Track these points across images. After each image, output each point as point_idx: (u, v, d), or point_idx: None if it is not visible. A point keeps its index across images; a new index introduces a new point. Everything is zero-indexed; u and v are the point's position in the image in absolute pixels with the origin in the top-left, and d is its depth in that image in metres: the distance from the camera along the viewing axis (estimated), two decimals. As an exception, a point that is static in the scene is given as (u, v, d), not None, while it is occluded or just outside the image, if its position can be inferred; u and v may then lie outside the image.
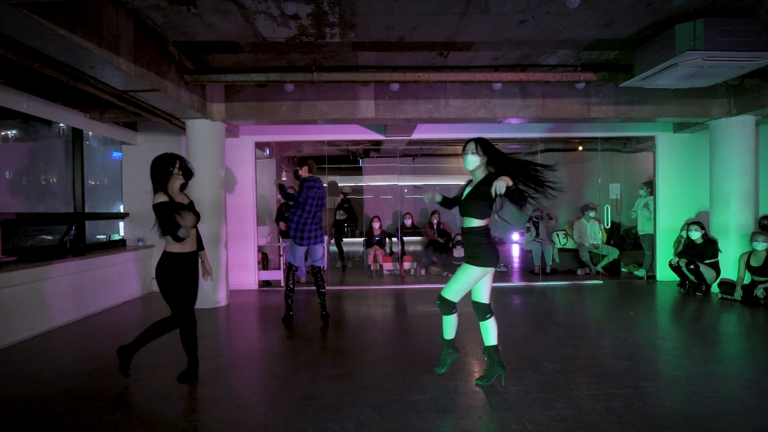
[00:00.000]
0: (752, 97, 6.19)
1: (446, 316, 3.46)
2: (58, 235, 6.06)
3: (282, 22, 4.39)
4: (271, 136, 7.63)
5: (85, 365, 3.98)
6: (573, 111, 6.42)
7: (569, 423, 2.79)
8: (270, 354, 4.29)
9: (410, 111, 6.33)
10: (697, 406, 3.01)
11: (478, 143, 3.33)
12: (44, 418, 2.99)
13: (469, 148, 3.33)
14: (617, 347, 4.25)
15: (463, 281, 3.32)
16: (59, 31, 3.20)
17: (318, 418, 2.89)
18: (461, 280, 3.32)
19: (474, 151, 3.31)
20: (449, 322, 3.48)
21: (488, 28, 4.58)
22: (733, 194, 6.61)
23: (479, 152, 3.30)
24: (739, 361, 3.92)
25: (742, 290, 6.07)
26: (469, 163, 3.34)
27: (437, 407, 3.03)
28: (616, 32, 4.77)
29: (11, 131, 5.93)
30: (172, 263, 3.46)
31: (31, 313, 4.87)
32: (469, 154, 3.32)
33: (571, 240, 8.81)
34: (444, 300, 3.39)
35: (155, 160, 3.48)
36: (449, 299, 3.38)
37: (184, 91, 5.41)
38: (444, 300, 3.39)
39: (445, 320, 3.48)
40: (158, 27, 4.48)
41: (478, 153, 3.30)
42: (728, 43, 4.24)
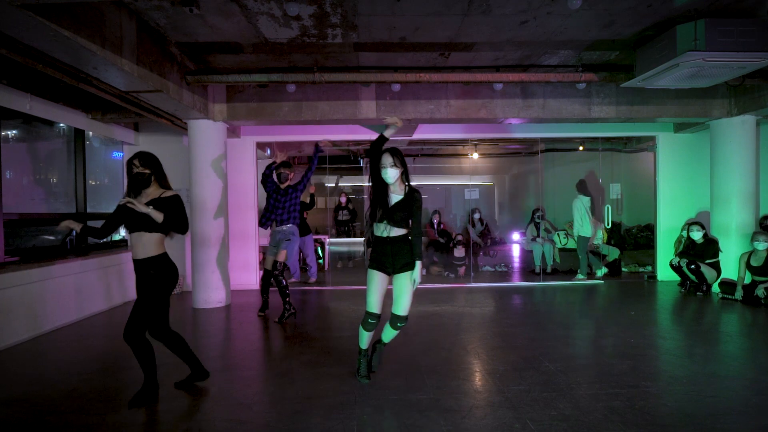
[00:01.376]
0: (753, 97, 6.20)
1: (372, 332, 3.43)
2: (60, 235, 6.07)
3: (284, 23, 4.41)
4: (272, 137, 7.65)
5: (88, 365, 4.00)
6: (574, 111, 6.43)
7: (571, 422, 2.80)
8: (272, 354, 4.31)
9: (411, 111, 6.34)
10: (698, 406, 3.02)
11: (395, 155, 3.22)
12: (49, 418, 3.00)
13: (387, 161, 3.20)
14: (618, 347, 4.27)
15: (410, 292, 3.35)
16: (63, 33, 3.22)
17: (321, 418, 2.91)
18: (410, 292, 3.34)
19: (393, 164, 3.19)
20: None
21: (489, 28, 4.60)
22: (734, 194, 6.63)
23: (397, 165, 3.21)
24: (740, 361, 3.93)
25: (742, 290, 6.09)
26: (390, 176, 3.21)
27: (439, 407, 3.04)
28: (617, 33, 4.78)
29: (14, 131, 5.94)
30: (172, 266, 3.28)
31: (34, 312, 4.88)
32: (388, 167, 3.19)
33: (571, 240, 8.82)
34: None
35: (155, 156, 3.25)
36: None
37: (186, 91, 5.42)
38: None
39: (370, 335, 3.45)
40: (161, 28, 4.50)
41: (396, 166, 3.20)
42: (729, 43, 4.25)
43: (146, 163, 3.12)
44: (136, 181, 3.09)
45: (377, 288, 3.32)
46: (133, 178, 3.09)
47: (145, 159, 3.13)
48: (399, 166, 3.22)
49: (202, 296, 6.23)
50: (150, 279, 3.12)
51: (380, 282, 3.33)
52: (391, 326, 3.38)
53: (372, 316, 3.32)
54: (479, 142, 9.39)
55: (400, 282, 3.31)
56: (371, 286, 3.33)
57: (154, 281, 3.13)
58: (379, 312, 3.33)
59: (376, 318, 3.33)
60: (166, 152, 7.44)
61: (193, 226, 6.20)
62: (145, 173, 3.10)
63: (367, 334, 3.41)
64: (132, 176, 3.09)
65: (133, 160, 3.09)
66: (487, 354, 4.12)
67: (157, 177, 3.16)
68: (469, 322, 5.26)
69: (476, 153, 10.06)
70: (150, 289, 3.13)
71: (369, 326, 3.35)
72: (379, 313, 3.34)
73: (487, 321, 5.33)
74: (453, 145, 9.85)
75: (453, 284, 7.76)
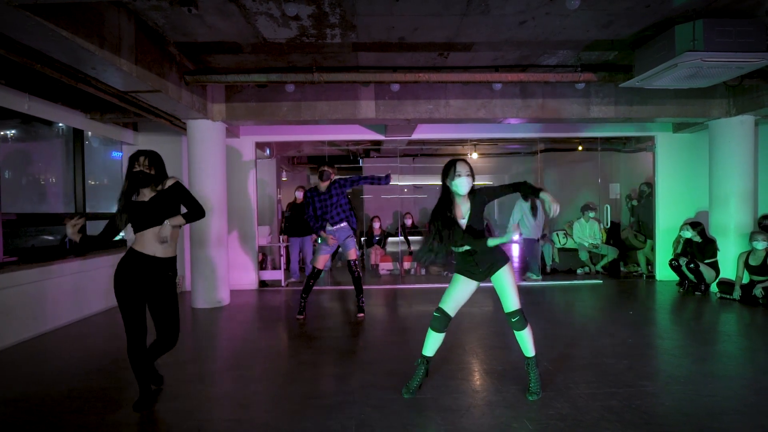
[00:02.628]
0: (751, 98, 6.21)
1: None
2: (60, 235, 6.07)
3: (283, 23, 4.41)
4: (271, 137, 7.65)
5: (86, 365, 4.00)
6: (573, 111, 6.44)
7: (568, 422, 2.81)
8: (272, 353, 4.31)
9: (410, 111, 6.34)
10: (696, 405, 3.03)
11: (469, 164, 3.09)
12: (48, 418, 3.01)
13: (463, 170, 3.04)
14: (616, 346, 4.27)
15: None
16: (62, 33, 3.22)
17: (320, 417, 2.91)
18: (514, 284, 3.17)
19: (468, 173, 3.04)
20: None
21: (488, 28, 4.60)
22: (733, 194, 6.64)
23: (472, 174, 3.06)
24: (738, 361, 3.94)
25: (740, 289, 6.09)
26: (464, 187, 3.04)
27: (438, 406, 3.05)
28: (615, 33, 4.79)
29: (12, 131, 5.94)
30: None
31: (33, 312, 4.89)
32: (464, 176, 3.02)
33: (570, 240, 8.83)
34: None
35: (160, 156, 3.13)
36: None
37: (185, 91, 5.42)
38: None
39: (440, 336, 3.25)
40: (159, 28, 4.50)
41: (471, 175, 3.06)
42: (727, 44, 4.25)
43: (153, 162, 2.99)
44: (137, 179, 2.94)
45: (456, 290, 3.17)
46: (135, 175, 2.93)
47: (152, 158, 3.00)
48: (472, 177, 3.05)
49: (201, 296, 6.23)
50: (169, 280, 3.06)
51: (463, 286, 3.17)
52: (516, 329, 3.15)
53: (438, 310, 3.16)
54: (478, 142, 9.40)
55: (498, 281, 3.14)
56: (451, 286, 3.20)
57: (172, 283, 3.08)
58: (447, 310, 3.15)
59: (441, 313, 3.14)
60: (166, 152, 7.37)
61: (192, 225, 6.20)
62: (149, 174, 2.96)
63: (433, 336, 3.18)
64: (134, 173, 2.93)
65: (138, 157, 2.95)
66: (486, 353, 4.13)
67: (157, 180, 3.01)
68: (469, 321, 5.26)
69: (476, 153, 10.07)
70: (171, 290, 3.07)
71: (434, 321, 3.16)
72: (447, 312, 3.15)
73: (486, 321, 5.34)
74: (452, 144, 9.86)
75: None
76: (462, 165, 3.05)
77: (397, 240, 9.18)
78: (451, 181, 3.05)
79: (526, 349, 3.19)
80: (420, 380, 3.23)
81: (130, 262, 2.98)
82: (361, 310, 5.52)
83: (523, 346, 3.20)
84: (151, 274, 2.99)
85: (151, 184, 2.99)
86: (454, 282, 3.21)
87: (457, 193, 3.07)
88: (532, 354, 3.18)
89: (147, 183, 2.98)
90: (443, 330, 3.19)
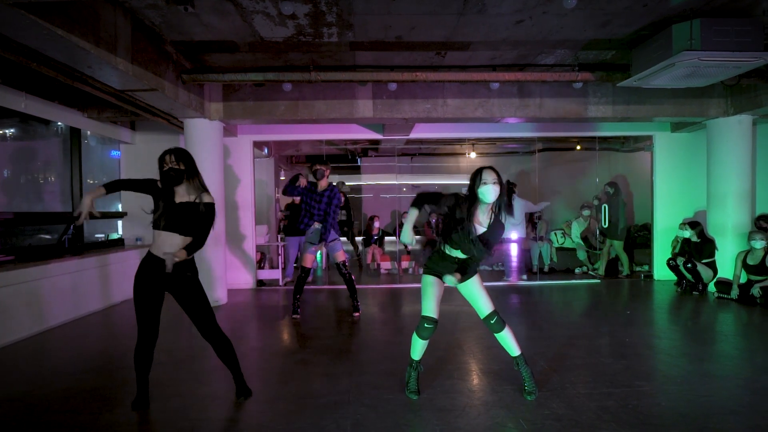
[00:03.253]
0: (749, 97, 6.20)
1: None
2: (57, 234, 6.06)
3: (279, 22, 4.39)
4: (269, 136, 7.64)
5: (83, 364, 3.99)
6: (570, 110, 6.43)
7: (564, 422, 2.81)
8: (267, 353, 4.30)
9: (408, 110, 6.33)
10: (692, 405, 3.03)
11: (497, 172, 3.00)
12: (43, 417, 3.00)
13: (490, 178, 2.95)
14: (613, 346, 4.27)
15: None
16: (57, 31, 3.20)
17: (315, 417, 2.91)
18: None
19: (495, 181, 2.95)
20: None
21: (485, 28, 4.59)
22: (730, 194, 6.63)
23: (499, 182, 2.96)
24: (735, 361, 3.94)
25: (738, 289, 6.09)
26: (491, 195, 2.95)
27: (433, 406, 3.04)
28: (613, 32, 4.78)
29: (9, 130, 5.93)
30: None
31: (30, 312, 4.88)
32: (491, 184, 2.93)
33: (569, 239, 8.82)
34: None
35: (188, 152, 3.09)
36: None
37: (182, 90, 5.41)
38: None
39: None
40: (156, 27, 4.49)
41: (498, 183, 2.95)
42: (725, 43, 4.24)
43: (180, 158, 2.97)
44: (168, 177, 2.94)
45: (435, 292, 3.11)
46: (167, 174, 2.94)
47: (179, 154, 2.98)
48: (500, 186, 2.96)
49: (199, 295, 6.21)
50: (189, 281, 3.05)
51: (438, 287, 3.13)
52: (496, 331, 3.13)
53: (429, 320, 3.08)
54: (477, 142, 9.40)
55: (469, 288, 3.14)
56: (428, 290, 3.12)
57: (194, 281, 3.08)
58: (436, 317, 3.08)
59: (433, 323, 3.08)
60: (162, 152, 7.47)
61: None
62: (180, 169, 2.95)
63: (422, 343, 3.16)
64: (165, 173, 2.94)
65: (165, 156, 2.96)
66: (483, 353, 4.12)
67: (189, 174, 2.99)
68: (466, 321, 5.25)
69: (474, 152, 10.07)
70: (196, 289, 3.08)
71: (425, 332, 3.10)
72: (437, 318, 3.09)
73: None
74: (451, 144, 9.86)
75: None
76: (489, 173, 2.96)
77: (395, 239, 9.18)
78: (478, 188, 2.97)
79: (511, 348, 3.18)
80: (416, 380, 3.22)
81: (148, 265, 3.00)
82: (356, 309, 5.54)
83: (507, 347, 3.19)
84: (167, 277, 2.97)
85: (183, 179, 2.98)
86: (430, 285, 3.13)
87: (483, 201, 2.99)
88: (518, 352, 3.17)
89: (180, 179, 2.97)
90: (430, 336, 3.15)
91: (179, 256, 2.88)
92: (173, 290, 3.04)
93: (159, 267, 2.93)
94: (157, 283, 2.98)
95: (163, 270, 2.90)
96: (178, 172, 2.95)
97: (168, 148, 3.02)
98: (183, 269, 3.00)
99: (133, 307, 3.08)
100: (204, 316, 3.07)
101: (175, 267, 2.90)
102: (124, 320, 5.58)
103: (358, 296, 5.65)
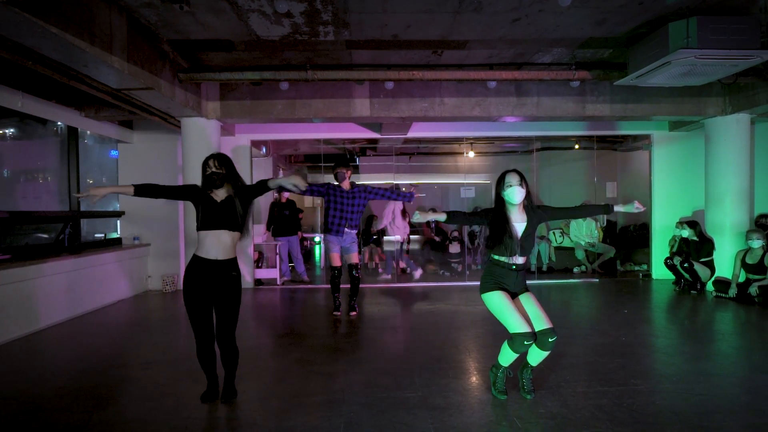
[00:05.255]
0: (747, 96, 6.20)
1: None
2: (55, 233, 6.06)
3: (275, 21, 4.39)
4: (266, 135, 7.63)
5: (77, 363, 3.99)
6: (568, 109, 6.43)
7: (558, 420, 2.80)
8: (262, 352, 4.29)
9: (405, 109, 6.33)
10: (687, 404, 3.02)
11: (521, 175, 3.08)
12: (36, 415, 3.00)
13: (514, 180, 3.05)
14: (609, 345, 4.26)
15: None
16: (51, 30, 3.20)
17: (308, 416, 2.90)
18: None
19: (520, 182, 3.05)
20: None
21: (482, 26, 4.58)
22: (728, 192, 6.63)
23: (524, 184, 3.06)
24: (732, 359, 3.93)
25: (736, 288, 6.08)
26: (517, 197, 3.04)
27: (427, 405, 3.03)
28: (609, 31, 4.77)
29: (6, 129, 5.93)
30: None
31: (26, 311, 4.87)
32: (515, 186, 3.03)
33: (567, 238, 8.82)
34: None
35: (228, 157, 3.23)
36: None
37: (179, 89, 5.41)
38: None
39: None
40: (152, 25, 4.48)
41: (523, 185, 3.05)
42: (721, 41, 4.24)
43: (222, 163, 3.11)
44: (211, 180, 3.07)
45: (511, 305, 3.00)
46: (210, 178, 3.07)
47: (221, 159, 3.13)
48: (525, 187, 3.06)
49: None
50: (233, 281, 3.08)
51: (509, 299, 3.04)
52: (542, 348, 3.00)
53: (526, 336, 2.92)
54: (475, 141, 9.38)
55: (527, 300, 3.11)
56: (502, 306, 3.01)
57: (237, 283, 3.11)
58: (530, 330, 2.94)
59: (532, 338, 2.94)
60: (161, 151, 7.47)
61: (186, 224, 6.19)
62: (221, 173, 3.08)
63: (515, 356, 3.06)
64: (208, 176, 3.08)
65: (208, 161, 3.10)
66: (479, 352, 4.11)
67: (229, 178, 3.12)
68: (463, 320, 5.25)
69: (472, 152, 10.06)
70: (237, 292, 3.10)
71: (524, 348, 2.97)
72: (531, 330, 2.95)
73: (480, 319, 5.32)
74: (449, 143, 9.85)
75: (448, 282, 7.75)
76: (512, 175, 3.08)
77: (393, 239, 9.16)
78: (504, 191, 3.08)
79: (535, 360, 3.12)
80: (504, 381, 3.18)
81: (196, 268, 3.04)
82: (353, 309, 5.54)
83: (534, 359, 3.11)
84: (216, 277, 3.03)
85: (225, 183, 3.10)
86: (501, 300, 3.02)
87: (510, 202, 3.08)
88: (536, 365, 3.18)
89: (222, 183, 3.09)
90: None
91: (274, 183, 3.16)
92: (216, 290, 3.05)
93: (207, 269, 3.01)
94: (206, 286, 3.02)
95: (211, 271, 3.00)
96: (222, 177, 3.09)
97: (212, 153, 3.20)
98: (228, 268, 3.06)
99: (129, 306, 3.07)
100: (231, 320, 3.11)
101: (222, 266, 3.02)
102: (120, 320, 5.57)
103: (357, 297, 5.64)
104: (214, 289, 3.04)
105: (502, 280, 3.10)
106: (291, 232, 7.92)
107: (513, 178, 3.07)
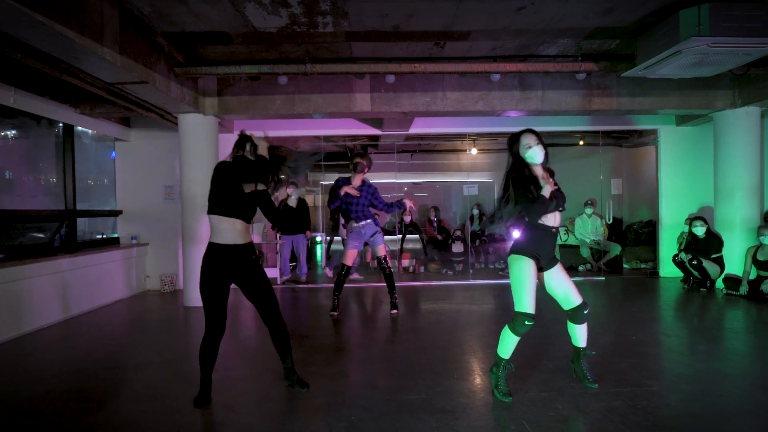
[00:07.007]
0: (758, 88, 6.03)
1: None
2: (50, 232, 5.94)
3: (272, 11, 4.26)
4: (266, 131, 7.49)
5: (69, 365, 3.86)
6: (573, 103, 6.28)
7: (569, 423, 2.66)
8: (260, 353, 4.16)
9: (407, 104, 6.19)
10: (704, 405, 2.88)
11: (536, 133, 2.99)
12: (23, 419, 2.88)
13: (532, 140, 2.95)
14: (619, 344, 4.12)
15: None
16: (36, 18, 3.07)
17: (307, 419, 2.77)
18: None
19: (538, 141, 2.96)
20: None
21: (485, 15, 4.44)
22: (738, 188, 6.46)
23: (542, 142, 2.98)
24: (747, 358, 3.78)
25: (748, 285, 5.92)
26: (538, 155, 2.96)
27: (432, 407, 2.90)
28: (617, 20, 4.63)
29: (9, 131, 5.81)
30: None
31: (18, 311, 4.75)
32: (534, 145, 2.94)
33: (572, 236, 8.67)
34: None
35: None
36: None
37: (174, 83, 5.28)
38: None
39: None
40: (145, 16, 4.36)
41: (541, 143, 2.97)
42: (734, 29, 4.09)
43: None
44: (269, 184, 3.12)
45: (532, 283, 2.88)
46: (271, 180, 3.12)
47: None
48: (543, 145, 2.97)
49: (194, 294, 6.06)
50: (254, 263, 3.06)
51: (534, 275, 2.91)
52: (579, 322, 3.04)
53: (528, 317, 2.86)
54: (477, 137, 9.24)
55: (557, 274, 3.02)
56: (528, 280, 2.87)
57: (258, 265, 3.08)
58: (534, 312, 2.88)
59: (533, 320, 2.88)
60: (158, 149, 7.35)
61: (184, 222, 6.07)
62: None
63: (515, 340, 2.95)
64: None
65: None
66: (484, 352, 3.97)
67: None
68: (467, 319, 5.11)
69: (475, 149, 9.91)
70: (260, 273, 3.07)
71: (524, 329, 2.89)
72: (535, 313, 2.88)
73: (485, 318, 5.19)
74: (451, 140, 9.70)
75: (451, 281, 7.61)
76: (529, 136, 2.97)
77: (395, 238, 9.03)
78: (525, 153, 2.97)
79: (578, 340, 3.18)
80: (506, 381, 3.05)
81: (214, 254, 2.95)
82: (394, 307, 5.38)
83: (576, 338, 3.18)
84: (236, 263, 2.97)
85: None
86: (526, 271, 2.88)
87: (533, 163, 2.99)
88: (584, 345, 3.19)
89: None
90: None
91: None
92: (239, 277, 3.01)
93: (226, 253, 2.93)
94: (224, 272, 2.95)
95: (229, 257, 2.93)
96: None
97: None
98: (247, 252, 3.01)
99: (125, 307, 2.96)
100: (269, 299, 3.07)
101: (240, 250, 2.95)
102: (116, 320, 5.45)
103: (395, 292, 5.44)
104: (237, 276, 2.99)
105: (540, 246, 2.96)
106: (297, 230, 7.77)
107: (531, 138, 2.97)
